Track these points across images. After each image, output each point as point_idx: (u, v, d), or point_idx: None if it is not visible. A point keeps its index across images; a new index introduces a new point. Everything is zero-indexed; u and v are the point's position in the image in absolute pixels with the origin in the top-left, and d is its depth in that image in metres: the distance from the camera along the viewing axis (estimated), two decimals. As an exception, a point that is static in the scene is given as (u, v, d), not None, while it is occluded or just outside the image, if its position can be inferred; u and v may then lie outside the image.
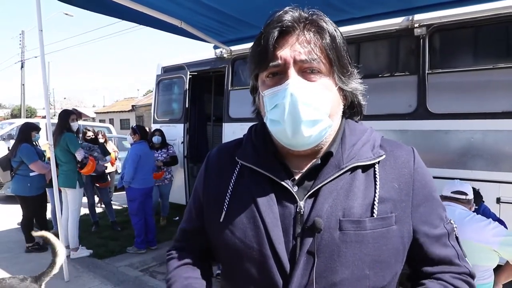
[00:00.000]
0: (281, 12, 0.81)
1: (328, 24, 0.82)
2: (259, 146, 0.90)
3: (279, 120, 0.79)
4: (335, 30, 0.82)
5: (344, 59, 0.83)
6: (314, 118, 0.78)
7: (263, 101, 0.84)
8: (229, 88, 5.51)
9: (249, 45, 5.00)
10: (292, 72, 0.78)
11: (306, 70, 0.79)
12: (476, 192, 2.64)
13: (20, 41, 26.14)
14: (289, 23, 0.79)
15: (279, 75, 0.80)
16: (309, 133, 0.78)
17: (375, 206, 0.78)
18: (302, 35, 0.79)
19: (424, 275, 0.85)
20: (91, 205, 6.06)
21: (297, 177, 0.85)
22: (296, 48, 0.78)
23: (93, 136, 6.09)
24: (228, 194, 0.88)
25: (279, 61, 0.79)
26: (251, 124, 0.99)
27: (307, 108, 0.77)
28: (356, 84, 0.87)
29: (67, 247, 4.55)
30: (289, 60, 0.78)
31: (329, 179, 0.80)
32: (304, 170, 0.85)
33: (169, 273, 0.95)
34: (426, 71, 3.75)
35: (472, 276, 0.85)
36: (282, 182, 0.82)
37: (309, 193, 0.81)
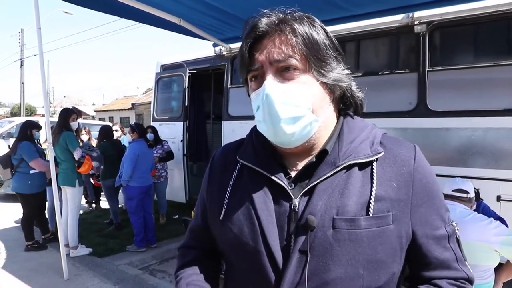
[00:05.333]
0: (256, 17, 0.84)
1: (303, 22, 0.82)
2: (258, 146, 0.92)
3: (262, 120, 0.82)
4: (311, 26, 0.82)
5: (321, 53, 0.82)
6: (294, 115, 0.79)
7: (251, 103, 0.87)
8: (229, 86, 5.50)
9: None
10: (268, 73, 0.81)
11: (283, 69, 0.81)
12: (476, 193, 2.63)
13: (20, 39, 26.09)
14: (263, 28, 0.81)
15: (260, 78, 0.83)
16: (291, 130, 0.79)
17: (370, 205, 0.77)
18: (276, 36, 0.81)
19: (421, 279, 0.84)
20: (115, 212, 5.95)
21: (293, 175, 0.85)
22: (270, 50, 0.81)
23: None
24: (227, 193, 0.89)
25: (257, 64, 0.82)
26: (250, 122, 1.00)
27: (284, 106, 0.78)
28: (339, 75, 0.85)
29: (67, 245, 4.55)
30: (264, 62, 0.81)
31: (324, 177, 0.80)
32: (300, 168, 0.86)
33: (176, 270, 1.00)
34: (426, 69, 3.74)
35: (470, 281, 0.83)
36: (278, 180, 0.83)
37: (304, 190, 0.81)
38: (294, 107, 0.79)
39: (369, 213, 0.77)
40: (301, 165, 0.86)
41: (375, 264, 0.76)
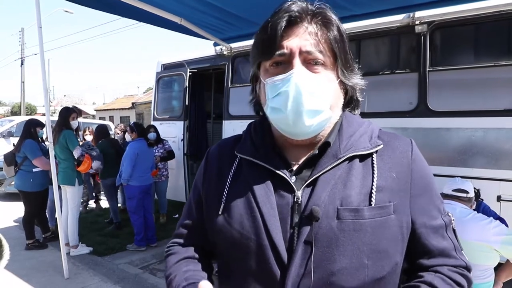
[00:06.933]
0: (289, 2, 0.82)
1: (335, 18, 0.83)
2: (258, 140, 0.91)
3: (281, 108, 0.80)
4: (340, 25, 0.83)
5: (347, 54, 0.84)
6: (316, 109, 0.79)
7: (265, 89, 0.84)
8: (229, 86, 5.49)
9: (249, 42, 5.00)
10: (297, 62, 0.79)
11: (310, 62, 0.80)
12: (476, 193, 2.63)
13: (20, 38, 26.07)
14: (297, 13, 0.79)
15: (284, 65, 0.81)
16: (310, 123, 0.79)
17: (373, 195, 0.78)
18: (310, 26, 0.80)
19: (421, 268, 0.84)
20: (115, 211, 5.96)
21: (294, 168, 0.85)
22: (302, 39, 0.79)
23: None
24: (226, 187, 0.88)
25: (285, 51, 0.80)
26: (251, 121, 1.00)
27: (311, 98, 0.78)
28: (357, 80, 0.88)
29: (67, 244, 4.56)
30: (295, 50, 0.79)
31: (326, 169, 0.81)
32: (301, 161, 0.86)
33: (168, 268, 0.95)
34: (427, 69, 3.74)
35: (468, 269, 0.85)
36: (280, 172, 0.83)
37: (307, 182, 0.81)
38: (319, 100, 0.79)
39: (372, 203, 0.78)
40: (302, 157, 0.86)
41: (379, 254, 0.77)
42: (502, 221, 2.39)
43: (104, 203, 7.02)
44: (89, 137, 6.30)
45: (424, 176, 0.85)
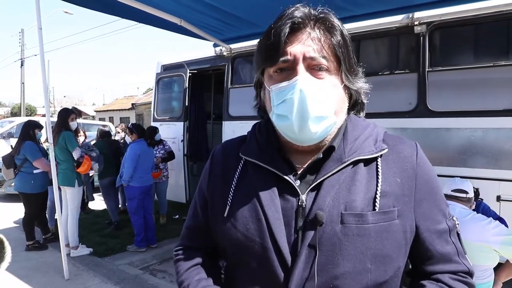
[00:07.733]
0: (292, 8, 0.81)
1: (339, 23, 0.83)
2: (262, 142, 0.91)
3: (286, 115, 0.80)
4: (343, 29, 0.83)
5: (351, 59, 0.84)
6: (321, 115, 0.79)
7: (270, 96, 0.84)
8: (229, 86, 5.50)
9: (249, 43, 5.02)
10: (301, 68, 0.79)
11: (314, 67, 0.80)
12: (475, 192, 2.63)
13: (20, 39, 26.07)
14: (300, 19, 0.79)
15: (288, 71, 0.81)
16: (316, 129, 0.79)
17: (377, 200, 0.79)
18: (313, 32, 0.80)
19: (423, 274, 0.84)
20: (113, 210, 5.96)
21: (299, 172, 0.85)
22: (306, 45, 0.79)
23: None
24: (232, 189, 0.89)
25: (289, 57, 0.80)
26: (251, 122, 1.00)
27: (315, 104, 0.78)
28: (361, 84, 0.88)
29: (67, 245, 4.56)
30: (298, 57, 0.79)
31: (331, 173, 0.81)
32: (306, 165, 0.86)
33: (180, 275, 0.95)
34: (426, 69, 3.74)
35: (470, 274, 0.85)
36: (285, 176, 0.83)
37: (311, 186, 0.81)
38: (324, 106, 0.79)
39: (376, 208, 0.78)
40: (307, 161, 0.86)
41: (382, 259, 0.77)
42: (502, 221, 2.40)
43: (103, 204, 7.01)
44: (81, 138, 6.30)
45: (428, 180, 0.85)
